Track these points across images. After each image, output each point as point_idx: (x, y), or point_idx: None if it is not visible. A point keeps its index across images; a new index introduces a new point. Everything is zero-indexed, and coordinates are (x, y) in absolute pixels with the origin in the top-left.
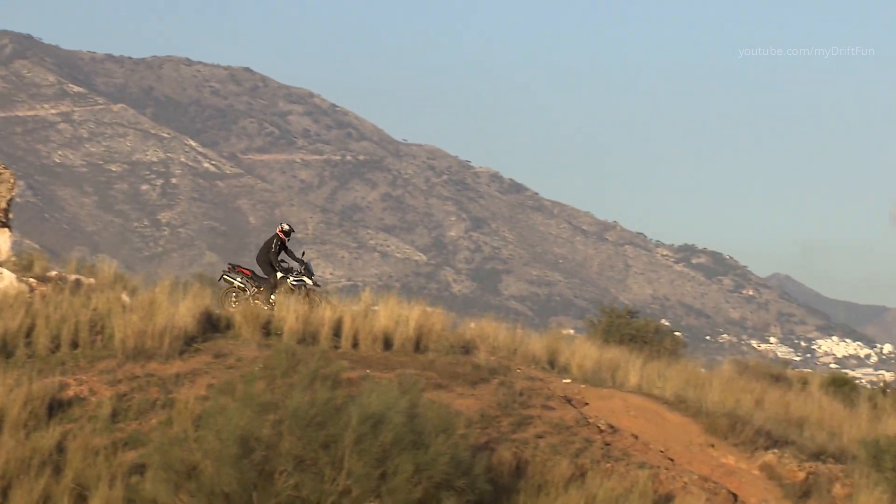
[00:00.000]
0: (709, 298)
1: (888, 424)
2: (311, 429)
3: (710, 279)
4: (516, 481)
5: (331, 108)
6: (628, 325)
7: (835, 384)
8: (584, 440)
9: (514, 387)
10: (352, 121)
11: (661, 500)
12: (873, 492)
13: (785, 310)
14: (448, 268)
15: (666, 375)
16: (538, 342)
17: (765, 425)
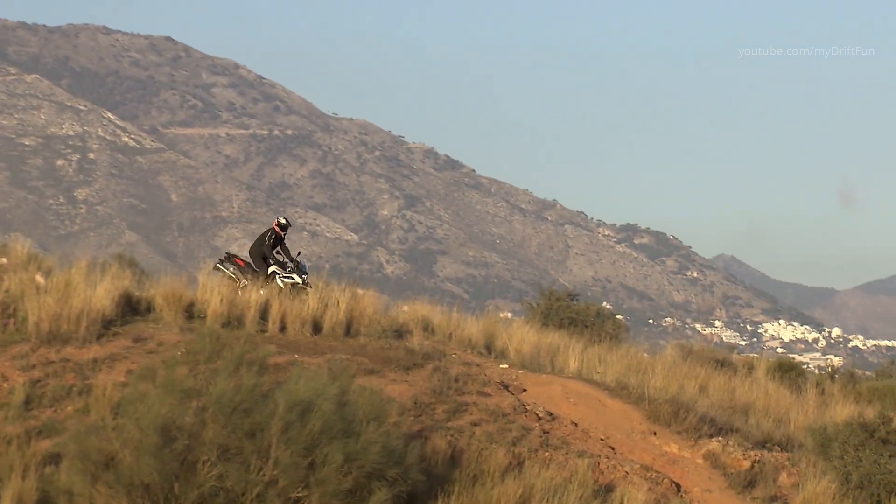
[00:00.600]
0: (652, 280)
1: (836, 411)
2: (236, 417)
3: (653, 260)
4: (451, 471)
5: (257, 80)
6: (568, 309)
7: (781, 369)
8: (522, 428)
9: (450, 372)
10: (279, 93)
11: (602, 489)
12: (821, 481)
13: (730, 292)
14: (380, 248)
15: (607, 360)
16: (474, 326)
17: (709, 412)
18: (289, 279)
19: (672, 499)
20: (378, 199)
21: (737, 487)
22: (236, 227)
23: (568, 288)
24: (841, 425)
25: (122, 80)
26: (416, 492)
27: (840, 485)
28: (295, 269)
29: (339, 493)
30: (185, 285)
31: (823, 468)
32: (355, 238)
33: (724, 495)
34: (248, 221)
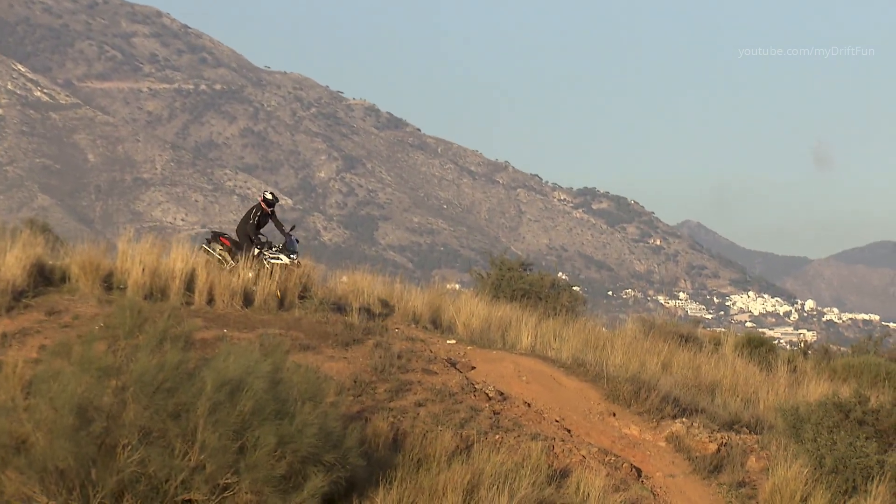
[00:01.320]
0: (611, 249)
1: (809, 390)
2: (159, 396)
3: (612, 227)
4: (393, 455)
5: (182, 29)
6: (521, 279)
7: (750, 345)
8: (470, 409)
9: (392, 349)
10: (206, 44)
11: (557, 475)
12: (792, 465)
13: (696, 261)
14: (317, 213)
15: (563, 335)
16: (419, 298)
17: (672, 391)
18: (275, 260)
19: (632, 484)
20: (314, 161)
21: (702, 472)
22: (159, 190)
23: (521, 257)
24: (814, 405)
25: (33, 28)
26: (356, 478)
27: (813, 469)
28: (282, 248)
29: (271, 480)
30: (103, 253)
31: (795, 451)
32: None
33: (688, 481)
34: (173, 184)
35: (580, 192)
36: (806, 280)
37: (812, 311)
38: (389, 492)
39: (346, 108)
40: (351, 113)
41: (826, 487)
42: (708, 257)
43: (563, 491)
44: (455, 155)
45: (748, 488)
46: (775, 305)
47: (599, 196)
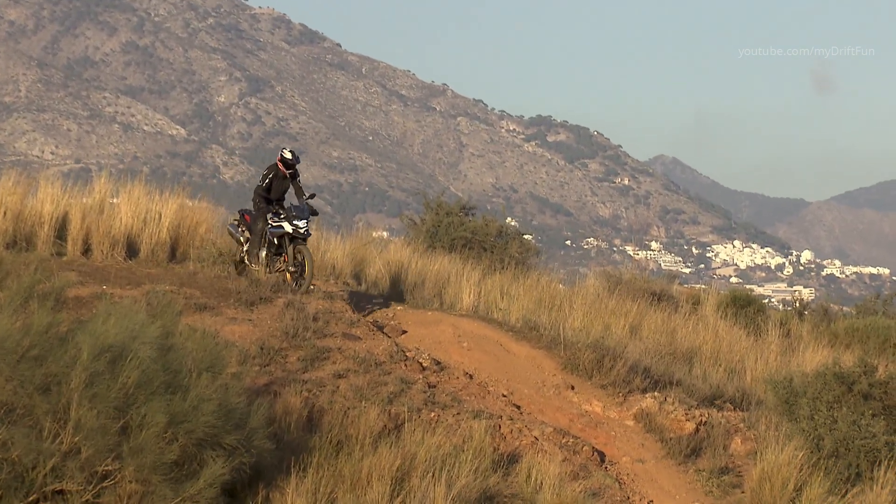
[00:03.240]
0: (570, 189)
1: (805, 358)
2: (25, 366)
3: (571, 163)
4: (308, 437)
5: None
6: (462, 226)
7: (736, 304)
8: (401, 381)
9: (307, 309)
10: None
11: (503, 460)
12: (784, 448)
13: (671, 205)
14: (216, 146)
15: (511, 293)
16: (339, 248)
17: (642, 360)
18: (277, 229)
19: (594, 471)
20: (213, 82)
21: (677, 457)
22: (23, 117)
23: (461, 199)
24: (811, 376)
25: None
26: (262, 464)
27: (809, 452)
28: (288, 215)
29: (160, 466)
30: None
31: (788, 431)
32: (183, 133)
33: (660, 466)
34: (40, 110)
35: (533, 122)
36: (802, 227)
37: (809, 264)
38: (303, 480)
39: (251, 18)
40: (256, 25)
41: (825, 474)
42: (685, 200)
43: (511, 479)
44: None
45: (732, 475)
46: (766, 257)
47: (556, 126)
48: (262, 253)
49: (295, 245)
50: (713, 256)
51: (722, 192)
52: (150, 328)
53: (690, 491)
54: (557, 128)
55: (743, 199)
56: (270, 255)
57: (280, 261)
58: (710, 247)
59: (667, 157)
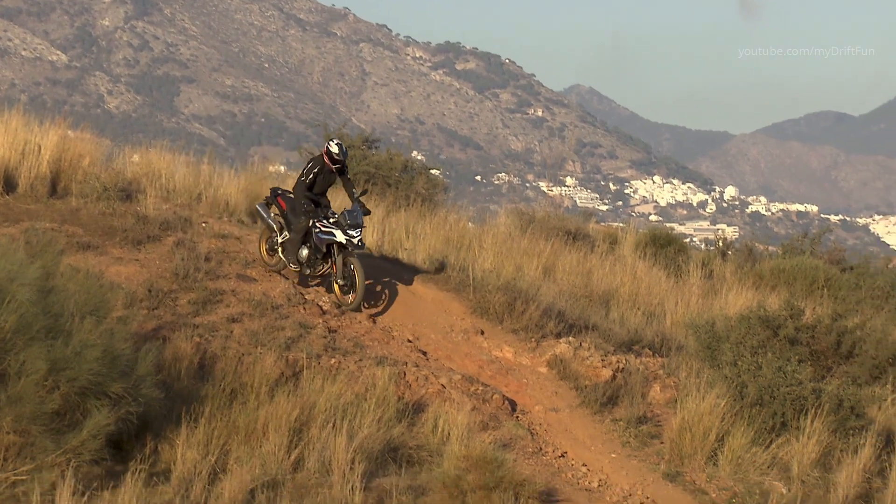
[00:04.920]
0: (480, 121)
1: (728, 301)
2: None
3: (481, 93)
4: (199, 385)
5: None
6: (364, 160)
7: (655, 244)
8: (299, 325)
9: (198, 248)
10: None
11: (409, 409)
12: (706, 396)
13: (588, 138)
14: (100, 73)
15: (417, 232)
16: (233, 184)
17: (556, 303)
18: (327, 236)
19: (505, 421)
20: (96, 4)
21: (592, 405)
22: None
23: (364, 131)
24: (734, 320)
25: None
26: (150, 414)
27: (732, 401)
28: (337, 222)
29: (40, 416)
30: None
31: (710, 379)
32: (64, 58)
33: (574, 416)
34: None
35: (440, 49)
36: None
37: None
38: (194, 431)
39: None
40: None
41: (748, 423)
42: (603, 132)
43: (416, 430)
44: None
45: (650, 425)
46: (687, 193)
47: (465, 54)
48: (302, 252)
49: (345, 256)
50: (632, 193)
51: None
52: (30, 269)
53: (606, 441)
54: (466, 55)
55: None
56: (313, 257)
57: (325, 266)
58: (629, 182)
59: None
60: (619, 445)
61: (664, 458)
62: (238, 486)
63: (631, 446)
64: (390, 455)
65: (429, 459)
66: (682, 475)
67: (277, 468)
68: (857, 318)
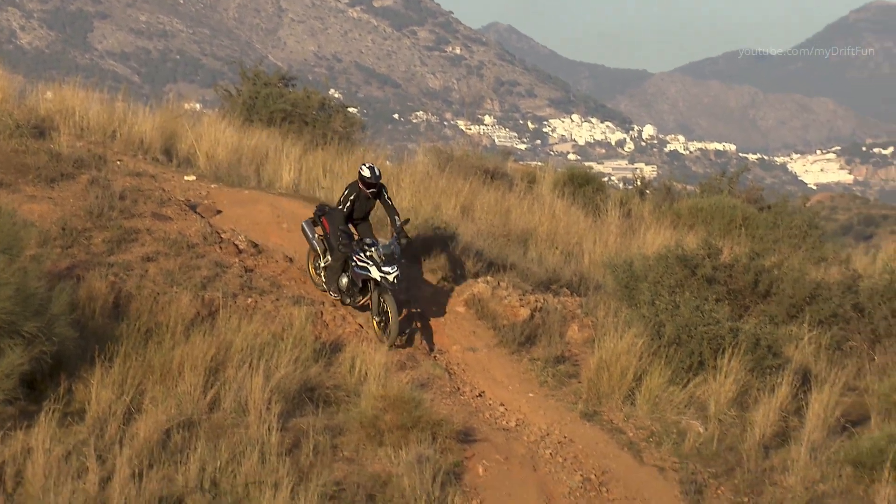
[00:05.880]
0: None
1: (646, 240)
2: None
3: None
4: (114, 324)
5: None
6: (280, 98)
7: (574, 183)
8: (215, 264)
9: (113, 187)
10: None
11: (326, 349)
12: (624, 335)
13: (506, 76)
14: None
15: (335, 171)
16: (148, 121)
17: (474, 242)
18: (363, 271)
19: (422, 361)
20: None
21: (510, 345)
22: None
23: (281, 69)
24: (652, 259)
25: None
26: (64, 353)
27: (650, 340)
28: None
29: None
30: None
31: (628, 318)
32: None
33: (492, 355)
34: None
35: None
36: (644, 100)
37: (651, 140)
38: (109, 371)
39: None
40: None
41: (666, 362)
42: (521, 70)
43: (333, 370)
44: None
45: (568, 364)
46: (605, 132)
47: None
48: (342, 280)
49: (380, 292)
50: (550, 132)
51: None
52: None
53: (524, 381)
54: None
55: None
56: (352, 288)
57: (363, 298)
58: (547, 121)
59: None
60: (536, 385)
61: (582, 398)
62: (153, 426)
63: (549, 386)
64: (307, 395)
65: (346, 399)
66: (599, 414)
67: (193, 408)
68: (774, 257)
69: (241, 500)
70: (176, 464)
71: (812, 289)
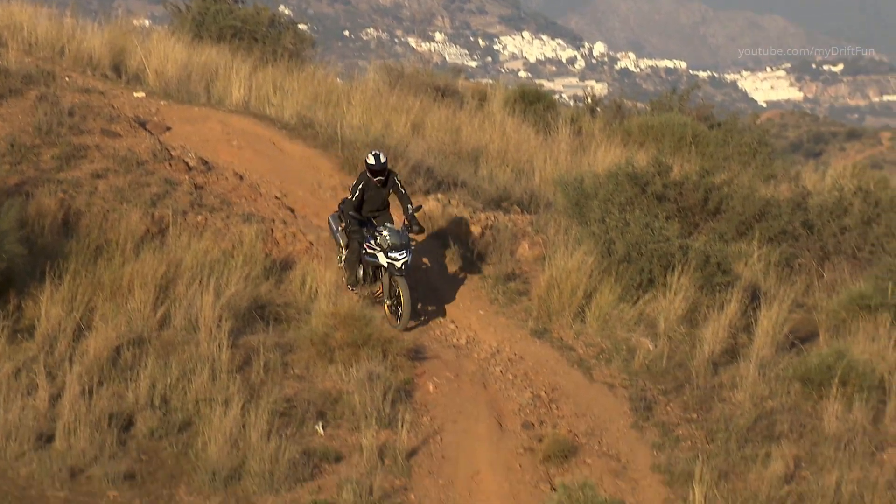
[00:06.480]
0: None
1: (597, 157)
2: None
3: None
4: (64, 242)
5: None
6: (231, 14)
7: (525, 100)
8: (165, 181)
9: (61, 103)
10: None
11: (277, 266)
12: (574, 253)
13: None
14: None
15: (285, 88)
16: (97, 37)
17: (425, 160)
18: (371, 258)
19: None
20: None
21: (460, 262)
22: None
23: None
24: (602, 177)
25: None
26: (14, 270)
27: (600, 257)
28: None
29: None
30: None
31: (578, 235)
32: None
33: (442, 272)
34: None
35: None
36: (595, 17)
37: (602, 58)
38: (59, 288)
39: None
40: None
41: (616, 280)
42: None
43: (284, 287)
44: None
45: (519, 282)
46: (556, 50)
47: None
48: (359, 273)
49: (391, 276)
50: (501, 49)
51: None
52: None
53: (475, 299)
54: None
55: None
56: (368, 277)
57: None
58: (498, 38)
59: None
60: (487, 303)
61: (532, 315)
62: (103, 343)
63: (499, 303)
64: (257, 312)
65: (296, 317)
66: (549, 332)
67: (143, 325)
68: (724, 174)
69: (191, 417)
70: (126, 381)
71: (761, 206)
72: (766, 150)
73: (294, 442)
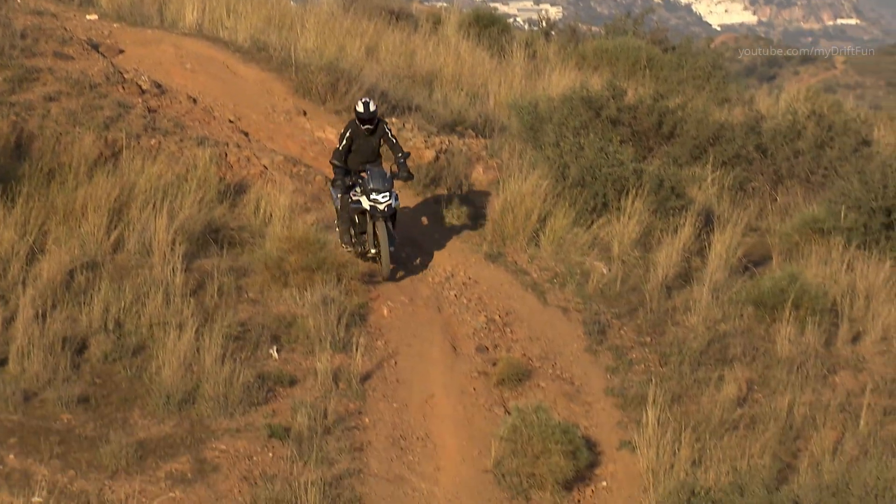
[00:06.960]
0: None
1: (551, 81)
2: None
3: None
4: (16, 165)
5: None
6: None
7: (479, 24)
8: (118, 104)
9: (13, 25)
10: None
11: (231, 190)
12: (528, 177)
13: None
14: None
15: (238, 11)
16: None
17: (379, 84)
18: (356, 204)
19: (327, 202)
20: None
21: (415, 186)
22: None
23: None
24: (557, 101)
25: None
26: None
27: (554, 181)
28: (365, 187)
29: None
30: None
31: (532, 160)
32: None
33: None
34: None
35: None
36: None
37: None
38: (11, 211)
39: None
40: None
41: (570, 204)
42: None
43: (238, 211)
44: None
45: (473, 206)
46: None
47: None
48: (351, 231)
49: (374, 222)
50: None
51: None
52: None
53: (429, 223)
54: None
55: None
56: (359, 235)
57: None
58: None
59: None
60: (441, 227)
61: (486, 240)
62: (57, 267)
63: (454, 228)
64: (211, 236)
65: (251, 241)
66: (504, 256)
67: (97, 249)
68: (678, 98)
69: (145, 341)
70: (80, 304)
71: (715, 130)
72: (720, 74)
73: (248, 366)
